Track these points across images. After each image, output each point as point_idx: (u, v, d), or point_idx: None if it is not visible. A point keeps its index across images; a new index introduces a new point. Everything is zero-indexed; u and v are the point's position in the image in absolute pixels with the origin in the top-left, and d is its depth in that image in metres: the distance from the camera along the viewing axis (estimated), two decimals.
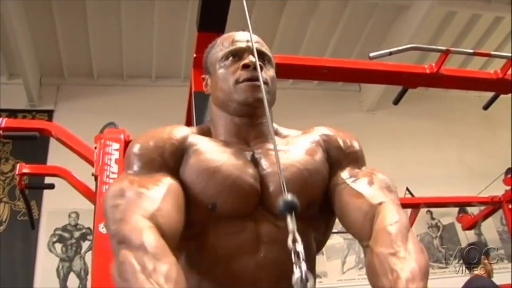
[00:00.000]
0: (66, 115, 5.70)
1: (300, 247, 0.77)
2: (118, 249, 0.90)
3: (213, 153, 1.14)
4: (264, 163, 1.15)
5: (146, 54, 6.12)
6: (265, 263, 1.07)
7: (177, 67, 6.25)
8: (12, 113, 5.64)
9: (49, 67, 6.16)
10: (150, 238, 0.90)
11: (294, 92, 6.36)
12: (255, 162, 1.16)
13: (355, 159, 1.22)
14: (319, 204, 1.16)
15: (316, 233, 1.19)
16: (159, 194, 1.03)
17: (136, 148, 1.15)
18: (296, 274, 0.75)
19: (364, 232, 1.06)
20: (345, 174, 1.18)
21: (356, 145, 1.25)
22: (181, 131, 1.19)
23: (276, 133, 1.27)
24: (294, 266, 0.76)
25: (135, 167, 1.12)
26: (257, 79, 1.17)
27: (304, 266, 0.75)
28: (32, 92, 5.93)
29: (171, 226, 0.98)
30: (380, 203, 1.07)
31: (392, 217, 1.02)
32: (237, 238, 1.08)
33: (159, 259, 0.85)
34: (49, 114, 5.95)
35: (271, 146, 1.19)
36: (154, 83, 6.50)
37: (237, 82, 1.19)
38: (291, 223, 0.79)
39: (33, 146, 5.02)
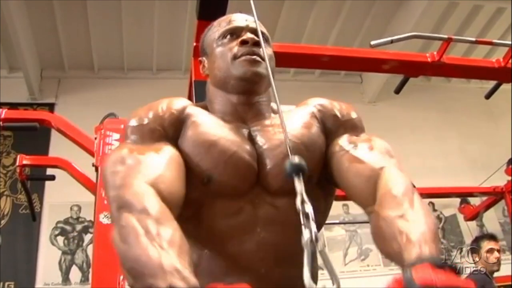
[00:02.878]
0: (67, 108, 5.68)
1: (309, 208, 0.78)
2: (119, 213, 0.87)
3: (211, 126, 1.12)
4: (260, 140, 1.14)
5: (147, 47, 6.11)
6: (264, 244, 1.05)
7: (178, 60, 6.24)
8: (13, 107, 5.57)
9: (49, 60, 6.15)
10: (153, 203, 0.88)
11: (295, 83, 6.34)
12: (251, 140, 1.14)
13: (352, 127, 1.20)
14: (317, 178, 1.15)
15: (317, 214, 1.16)
16: (161, 162, 1.01)
17: (134, 120, 1.13)
18: (306, 235, 0.76)
19: (367, 197, 1.03)
20: (343, 141, 1.16)
21: (353, 112, 1.23)
22: (179, 102, 1.18)
23: (273, 111, 1.25)
24: (303, 227, 0.76)
25: (134, 138, 1.10)
26: (255, 55, 1.16)
27: (314, 226, 0.76)
28: (33, 85, 5.92)
29: (173, 193, 0.96)
30: (382, 168, 1.04)
31: (396, 180, 0.99)
32: (234, 220, 1.07)
33: (162, 224, 0.83)
34: (50, 107, 5.94)
35: (267, 122, 1.18)
36: (155, 75, 6.50)
37: (235, 57, 1.18)
38: (299, 184, 0.81)
39: (34, 139, 5.02)
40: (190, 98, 2.68)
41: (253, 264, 1.05)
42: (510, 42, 2.93)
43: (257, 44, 1.17)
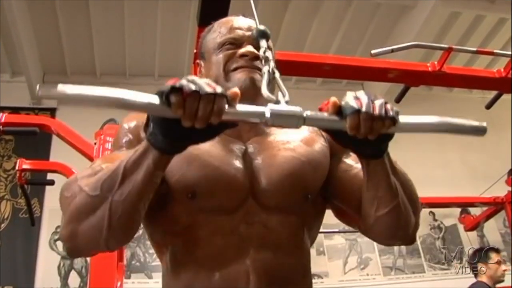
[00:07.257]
0: (69, 114, 5.63)
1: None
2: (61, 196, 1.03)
3: None
4: (258, 156, 1.09)
5: (149, 53, 6.13)
6: (255, 268, 1.00)
7: (180, 66, 6.24)
8: (14, 111, 5.59)
9: (52, 65, 6.17)
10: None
11: (296, 92, 6.33)
12: (246, 157, 1.09)
13: None
14: (314, 196, 1.12)
15: (310, 231, 1.14)
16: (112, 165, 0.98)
17: (121, 128, 1.14)
18: (266, 68, 1.02)
19: None
20: (350, 161, 1.14)
21: None
22: None
23: None
24: (264, 63, 1.04)
25: (116, 147, 1.12)
26: (254, 68, 1.12)
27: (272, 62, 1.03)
28: (35, 90, 5.91)
29: None
30: None
31: None
32: (227, 239, 1.02)
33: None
34: (52, 112, 5.94)
35: (268, 138, 1.14)
36: (157, 81, 6.48)
37: (232, 70, 1.13)
38: (265, 44, 1.06)
39: (35, 144, 5.03)
40: None
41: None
42: (511, 53, 2.92)
43: (257, 58, 1.12)
